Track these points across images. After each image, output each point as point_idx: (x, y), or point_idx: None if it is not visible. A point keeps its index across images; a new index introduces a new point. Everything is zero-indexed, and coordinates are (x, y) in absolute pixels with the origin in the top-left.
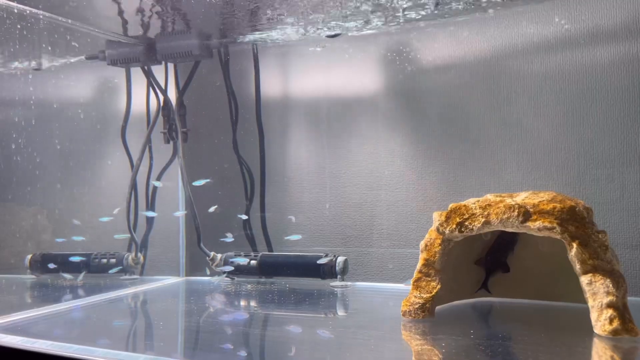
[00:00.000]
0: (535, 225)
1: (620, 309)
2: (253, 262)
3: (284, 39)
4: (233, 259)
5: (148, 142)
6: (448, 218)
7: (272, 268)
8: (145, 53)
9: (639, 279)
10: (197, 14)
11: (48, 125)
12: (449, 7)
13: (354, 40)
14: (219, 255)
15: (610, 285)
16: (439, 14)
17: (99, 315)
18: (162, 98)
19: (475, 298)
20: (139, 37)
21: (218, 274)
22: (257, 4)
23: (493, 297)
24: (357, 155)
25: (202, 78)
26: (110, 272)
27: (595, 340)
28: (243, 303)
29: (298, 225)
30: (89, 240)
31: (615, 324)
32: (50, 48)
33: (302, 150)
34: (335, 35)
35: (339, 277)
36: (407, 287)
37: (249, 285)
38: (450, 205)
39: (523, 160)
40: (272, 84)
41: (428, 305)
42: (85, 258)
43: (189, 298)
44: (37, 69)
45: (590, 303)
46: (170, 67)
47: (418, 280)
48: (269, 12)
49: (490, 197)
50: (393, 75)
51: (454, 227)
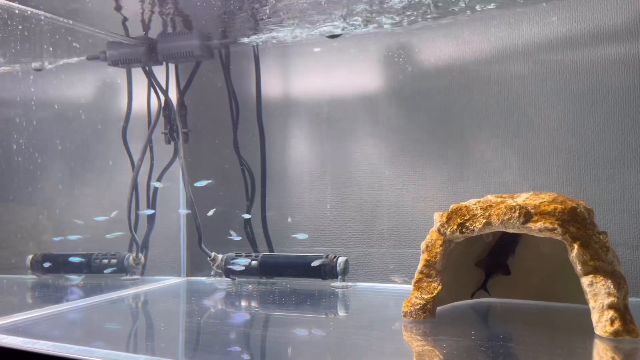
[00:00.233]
0: (537, 226)
1: (622, 310)
2: (254, 262)
3: (285, 40)
4: (234, 260)
5: (149, 142)
6: (449, 219)
7: (273, 268)
8: (146, 53)
9: None
10: (197, 15)
11: (49, 126)
12: (450, 7)
13: (355, 41)
14: (220, 256)
15: (612, 287)
16: (440, 14)
17: (100, 316)
18: (163, 98)
19: (477, 299)
20: (140, 37)
21: (219, 275)
22: (257, 5)
23: (494, 297)
24: (357, 156)
25: (203, 78)
26: (105, 271)
27: (597, 342)
28: (244, 304)
29: (299, 226)
30: (90, 240)
31: (617, 325)
32: (52, 49)
33: (303, 151)
34: (336, 36)
35: (340, 277)
36: (394, 280)
37: (250, 286)
38: (451, 206)
39: (524, 161)
40: (272, 85)
41: (429, 306)
42: (86, 259)
43: (190, 298)
44: (38, 70)
45: (591, 304)
46: (171, 67)
47: (419, 281)
48: (270, 12)
49: (491, 197)
50: (393, 76)
51: (455, 228)
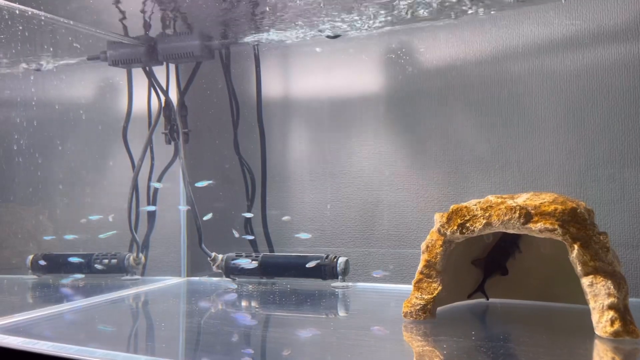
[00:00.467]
0: (537, 227)
1: (622, 311)
2: (254, 262)
3: (285, 40)
4: (234, 260)
5: (149, 142)
6: (449, 219)
7: (273, 269)
8: (147, 54)
9: None
10: (198, 15)
11: (50, 126)
12: (451, 8)
13: (355, 41)
14: (220, 256)
15: (612, 287)
16: (440, 15)
17: (101, 316)
18: (163, 99)
19: (477, 299)
20: (141, 37)
21: (215, 275)
22: (258, 5)
23: (495, 298)
24: (358, 156)
25: (203, 79)
26: (97, 266)
27: (597, 342)
28: (244, 304)
29: (299, 226)
30: (90, 241)
31: (617, 326)
32: (52, 49)
33: (303, 151)
34: (336, 36)
35: (340, 277)
36: (377, 276)
37: (250, 286)
38: (452, 207)
39: (524, 161)
40: (273, 85)
41: (429, 307)
42: (86, 259)
43: (190, 299)
44: (38, 70)
45: (592, 305)
46: (172, 67)
47: (419, 282)
48: (270, 12)
49: (492, 198)
50: (394, 76)
51: (455, 228)
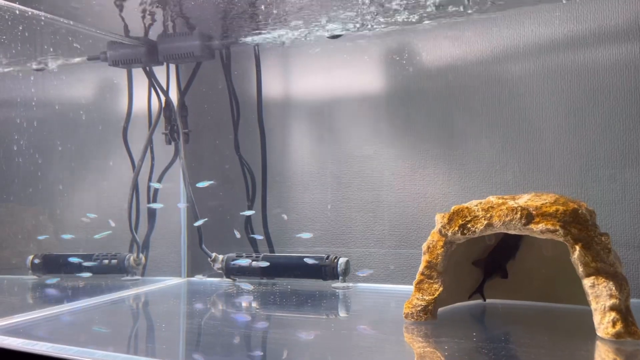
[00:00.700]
0: (538, 228)
1: (623, 312)
2: (255, 263)
3: (286, 40)
4: (235, 261)
5: (149, 143)
6: (450, 220)
7: (273, 269)
8: (147, 54)
9: None
10: (198, 15)
11: (50, 127)
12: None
13: (356, 41)
14: (221, 257)
15: (613, 288)
16: (441, 15)
17: (101, 317)
18: (163, 99)
19: (477, 300)
20: (141, 38)
21: (220, 276)
22: (258, 5)
23: (496, 299)
24: (358, 156)
25: (203, 79)
26: (84, 272)
27: (598, 343)
28: (245, 304)
29: (300, 226)
30: (90, 241)
31: (618, 327)
32: (52, 49)
33: (303, 151)
34: (337, 36)
35: (341, 278)
36: (362, 275)
37: (251, 287)
38: (453, 207)
39: (525, 161)
40: (273, 85)
41: (430, 308)
42: (86, 259)
43: (191, 299)
44: (38, 70)
45: (593, 306)
46: (172, 68)
47: (420, 283)
48: (271, 12)
49: (493, 199)
50: (394, 76)
51: (457, 229)
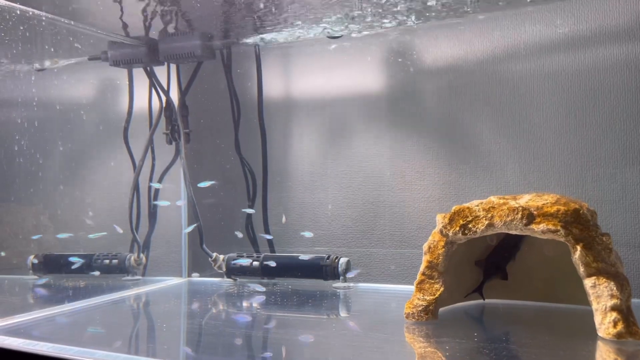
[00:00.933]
0: (539, 228)
1: (624, 312)
2: (255, 263)
3: (286, 40)
4: (235, 261)
5: (150, 143)
6: (451, 220)
7: (274, 269)
8: (148, 54)
9: None
10: (199, 15)
11: (50, 127)
12: (453, 9)
13: (356, 41)
14: (221, 257)
15: (614, 288)
16: (441, 15)
17: (102, 317)
18: (164, 99)
19: (478, 300)
20: (142, 38)
21: (221, 276)
22: (259, 5)
23: (497, 299)
24: (359, 156)
25: (204, 79)
26: (73, 267)
27: (599, 344)
28: (245, 304)
29: (300, 226)
30: (91, 241)
31: (619, 327)
32: (53, 49)
33: (304, 151)
34: (337, 37)
35: (342, 278)
36: (350, 276)
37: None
38: (454, 208)
39: (525, 161)
40: (274, 85)
41: (431, 308)
42: (87, 259)
43: (192, 299)
44: (39, 70)
45: (594, 306)
46: (173, 68)
47: (421, 283)
48: (271, 12)
49: (494, 199)
50: (395, 76)
51: (458, 229)
